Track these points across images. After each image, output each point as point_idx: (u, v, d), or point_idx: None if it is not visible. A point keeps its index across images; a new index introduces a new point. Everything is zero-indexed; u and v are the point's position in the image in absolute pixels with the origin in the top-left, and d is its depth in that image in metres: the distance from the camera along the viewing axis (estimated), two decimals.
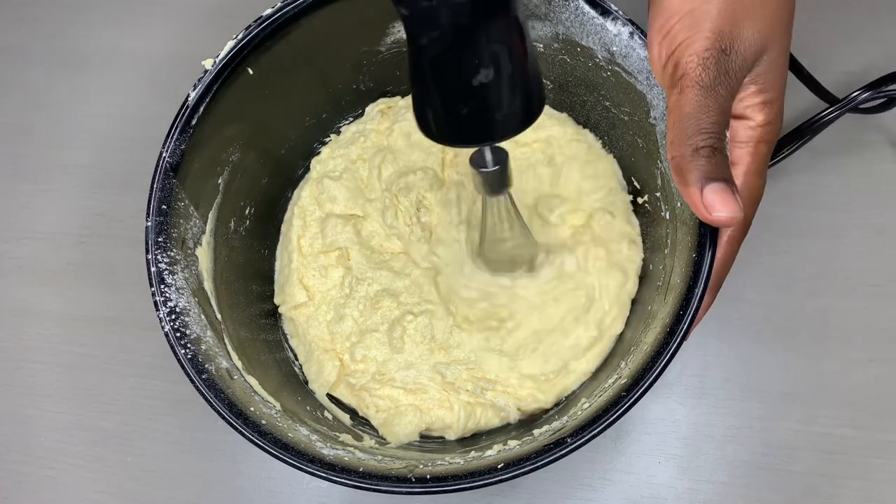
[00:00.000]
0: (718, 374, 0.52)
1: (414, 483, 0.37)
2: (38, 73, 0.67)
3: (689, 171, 0.36)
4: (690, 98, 0.36)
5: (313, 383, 0.51)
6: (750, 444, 0.51)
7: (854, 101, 0.47)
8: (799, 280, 0.54)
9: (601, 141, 0.53)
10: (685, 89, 0.36)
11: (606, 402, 0.36)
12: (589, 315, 0.49)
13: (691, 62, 0.36)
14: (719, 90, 0.36)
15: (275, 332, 0.53)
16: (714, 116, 0.36)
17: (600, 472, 0.51)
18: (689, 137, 0.36)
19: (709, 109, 0.36)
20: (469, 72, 0.28)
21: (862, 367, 0.51)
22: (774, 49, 0.37)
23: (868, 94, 0.46)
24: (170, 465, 0.54)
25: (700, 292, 0.37)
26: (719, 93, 0.36)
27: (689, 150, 0.36)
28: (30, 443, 0.56)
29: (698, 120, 0.36)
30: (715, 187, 0.35)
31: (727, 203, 0.35)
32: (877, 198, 0.55)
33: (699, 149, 0.36)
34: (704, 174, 0.35)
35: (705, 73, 0.36)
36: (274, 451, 0.38)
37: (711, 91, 0.36)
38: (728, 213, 0.35)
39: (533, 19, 0.46)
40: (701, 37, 0.36)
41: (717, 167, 0.36)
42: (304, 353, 0.52)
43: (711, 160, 0.36)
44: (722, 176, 0.36)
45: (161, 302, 0.41)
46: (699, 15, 0.36)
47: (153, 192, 0.42)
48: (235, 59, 0.44)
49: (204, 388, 0.39)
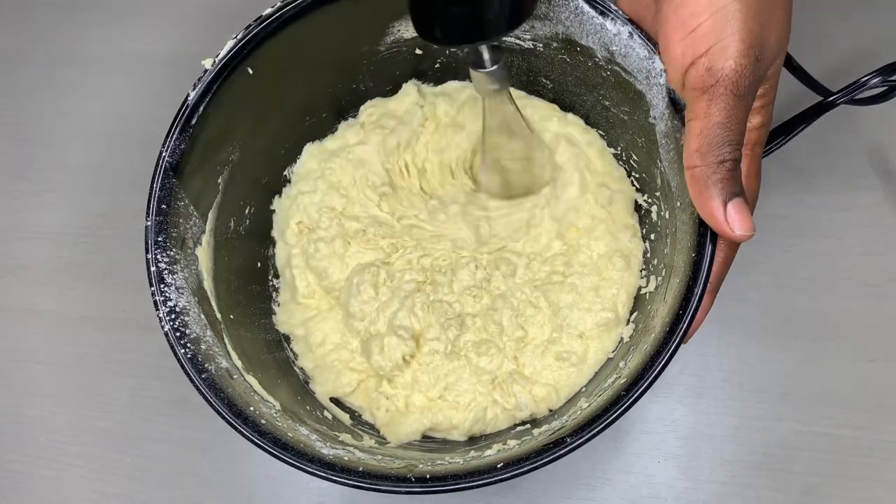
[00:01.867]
0: (718, 374, 0.52)
1: (413, 482, 0.37)
2: (38, 73, 0.67)
3: (713, 184, 0.35)
4: (722, 106, 0.35)
5: (319, 386, 0.51)
6: (749, 443, 0.51)
7: (862, 87, 0.44)
8: (799, 280, 0.54)
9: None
10: (718, 97, 0.35)
11: (606, 402, 0.36)
12: (602, 292, 0.49)
13: (728, 68, 0.34)
14: (750, 98, 0.35)
15: (274, 331, 0.53)
16: (741, 127, 0.35)
17: (600, 471, 0.51)
18: (718, 148, 0.35)
19: (739, 121, 0.35)
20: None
21: (862, 367, 0.51)
22: (783, 54, 0.37)
23: (878, 79, 0.44)
24: (169, 465, 0.54)
25: (700, 291, 0.37)
26: (749, 102, 0.35)
27: (713, 161, 0.35)
28: (29, 443, 0.56)
29: (728, 130, 0.35)
30: (735, 205, 0.35)
31: (745, 220, 0.35)
32: (877, 198, 0.55)
33: (724, 161, 0.35)
34: (727, 189, 0.35)
35: (741, 81, 0.34)
36: (273, 450, 0.38)
37: (745, 100, 0.35)
38: (746, 231, 0.35)
39: (532, 19, 0.46)
40: (735, 40, 0.34)
41: (737, 180, 0.36)
42: (311, 361, 0.52)
43: (734, 173, 0.35)
44: (740, 189, 0.36)
45: (161, 301, 0.41)
46: (729, 16, 0.34)
47: (153, 191, 0.42)
48: (235, 59, 0.44)
49: (204, 388, 0.39)
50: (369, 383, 0.50)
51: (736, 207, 0.35)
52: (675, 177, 0.42)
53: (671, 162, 0.42)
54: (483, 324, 0.50)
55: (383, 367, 0.49)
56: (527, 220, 0.52)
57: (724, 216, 0.36)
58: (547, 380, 0.48)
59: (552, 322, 0.49)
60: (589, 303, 0.49)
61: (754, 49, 0.34)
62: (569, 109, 0.54)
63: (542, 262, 0.51)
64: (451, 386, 0.49)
